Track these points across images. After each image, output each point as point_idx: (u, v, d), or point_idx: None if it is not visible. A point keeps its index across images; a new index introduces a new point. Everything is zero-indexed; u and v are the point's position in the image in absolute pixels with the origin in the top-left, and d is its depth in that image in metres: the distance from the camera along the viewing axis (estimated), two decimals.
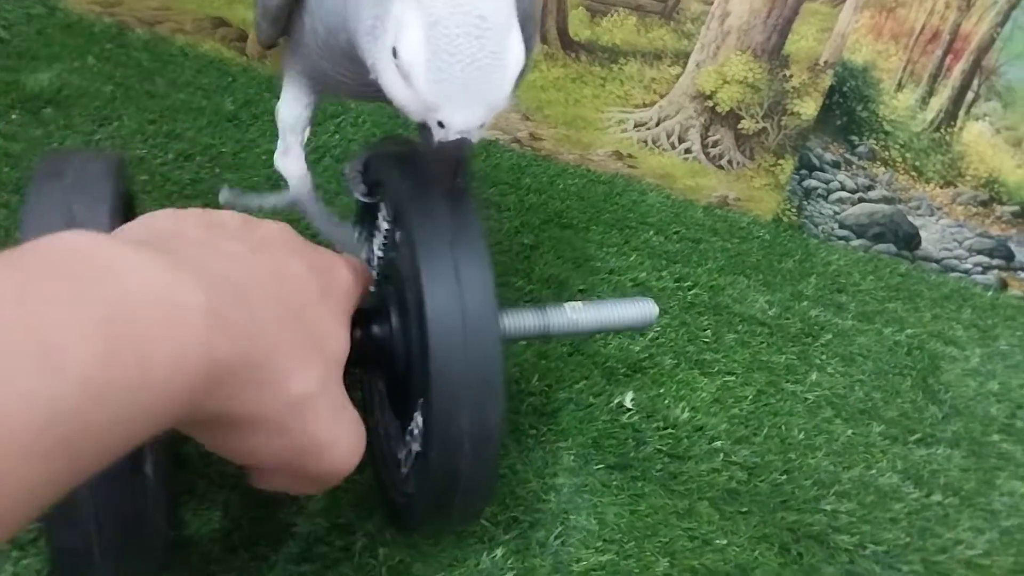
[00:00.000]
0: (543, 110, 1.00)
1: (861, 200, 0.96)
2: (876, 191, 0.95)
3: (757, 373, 0.82)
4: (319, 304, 0.40)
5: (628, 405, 0.75)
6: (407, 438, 0.52)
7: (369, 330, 0.52)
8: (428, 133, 0.43)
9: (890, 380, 0.84)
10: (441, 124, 0.42)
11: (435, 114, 0.42)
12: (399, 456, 0.54)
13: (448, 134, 0.42)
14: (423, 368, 0.48)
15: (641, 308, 0.60)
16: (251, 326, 0.34)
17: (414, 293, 0.48)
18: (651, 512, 0.67)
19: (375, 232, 0.60)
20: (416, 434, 0.51)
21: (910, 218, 0.95)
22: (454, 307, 0.46)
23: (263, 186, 0.90)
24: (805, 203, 0.97)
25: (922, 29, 0.84)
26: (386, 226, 0.57)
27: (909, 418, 0.81)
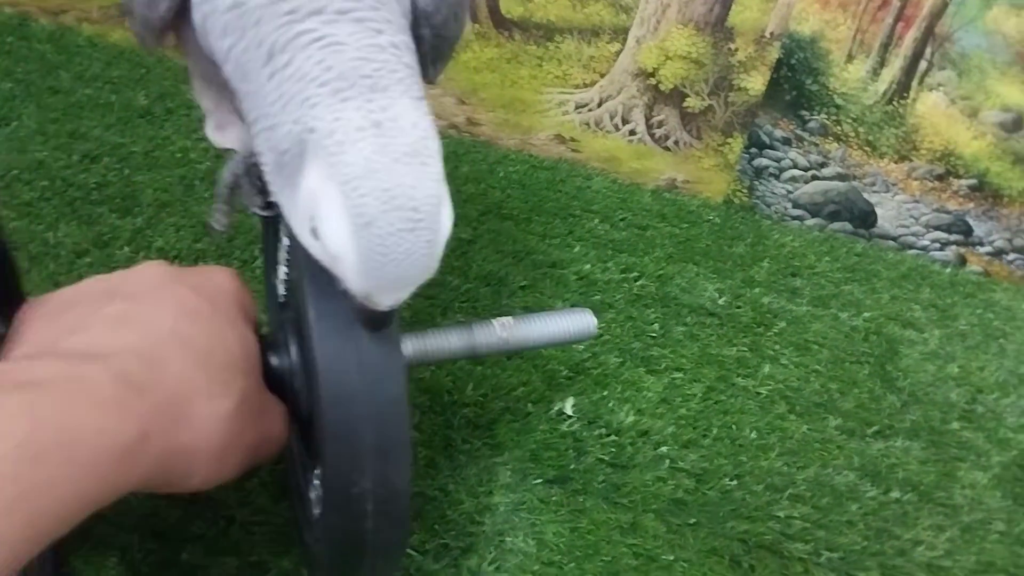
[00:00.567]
0: (479, 93, 0.94)
1: (814, 178, 0.91)
2: (829, 168, 0.90)
3: (707, 368, 0.78)
4: (212, 319, 0.42)
5: (568, 412, 0.71)
6: (314, 483, 0.47)
7: (267, 359, 0.47)
8: (354, 298, 0.40)
9: (847, 369, 0.81)
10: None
11: (363, 296, 0.39)
12: (310, 495, 0.49)
13: (377, 308, 0.40)
14: (318, 423, 0.43)
15: (578, 320, 0.56)
16: (160, 378, 0.38)
17: (306, 330, 0.43)
18: (593, 529, 0.63)
19: (279, 248, 0.54)
20: (317, 494, 0.46)
21: (865, 195, 0.91)
22: (348, 353, 0.42)
23: (177, 187, 0.84)
24: (756, 183, 0.92)
25: None
26: (287, 242, 0.51)
27: (866, 409, 0.77)
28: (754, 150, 0.90)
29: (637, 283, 0.85)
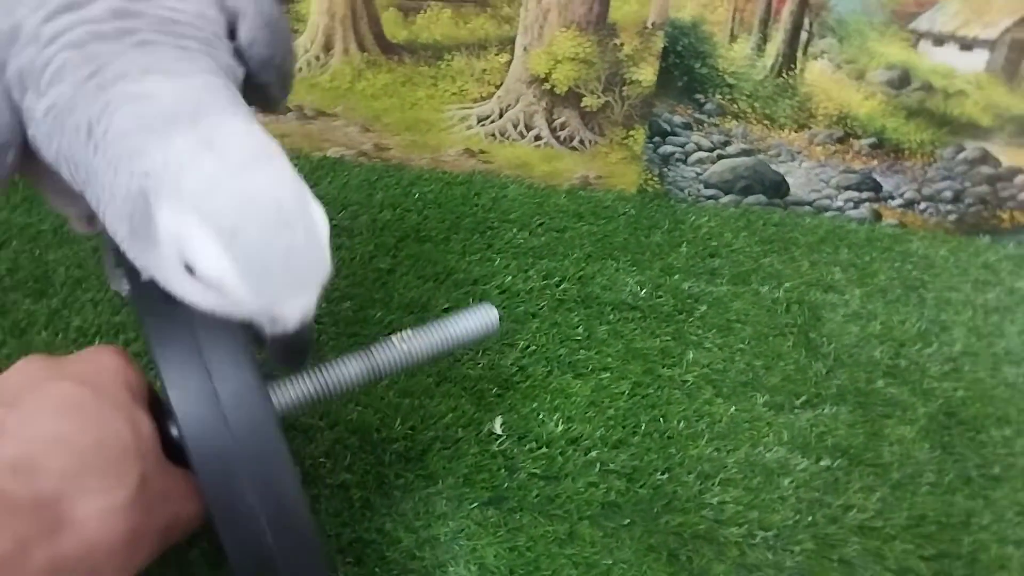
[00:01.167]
0: (381, 119, 0.95)
1: (720, 157, 0.92)
2: (733, 146, 0.91)
3: (632, 363, 0.79)
4: (97, 409, 0.41)
5: (498, 431, 0.72)
6: None
7: (168, 430, 0.47)
8: (261, 329, 0.39)
9: (771, 343, 0.82)
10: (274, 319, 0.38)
11: (266, 314, 0.38)
12: None
13: (286, 326, 0.38)
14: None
15: (480, 317, 0.56)
16: (38, 487, 0.37)
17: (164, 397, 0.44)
18: (531, 544, 0.64)
19: None
20: None
21: (773, 166, 0.92)
22: (211, 418, 0.42)
23: (89, 261, 0.84)
24: (665, 170, 0.93)
25: None
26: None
27: (792, 381, 0.79)
28: (657, 139, 0.91)
29: (559, 288, 0.86)
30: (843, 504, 0.69)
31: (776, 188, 0.94)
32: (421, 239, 0.91)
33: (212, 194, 0.35)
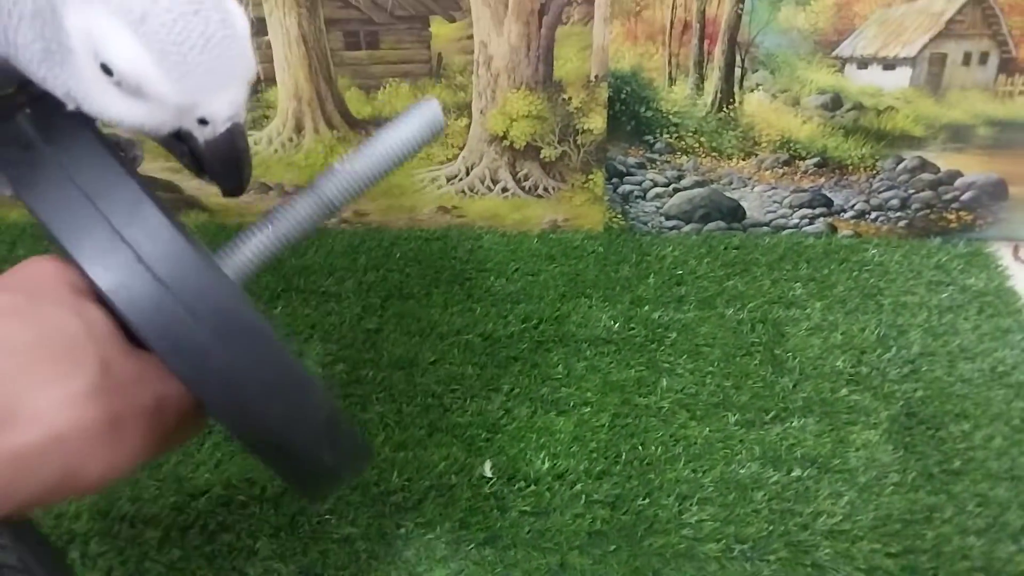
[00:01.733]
0: None
1: (676, 191, 0.98)
2: (687, 179, 0.97)
3: (610, 395, 0.84)
4: (34, 310, 0.40)
5: (488, 474, 0.77)
6: None
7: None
8: (191, 139, 0.39)
9: (738, 363, 0.87)
10: (203, 121, 0.38)
11: (193, 113, 0.38)
12: None
13: (216, 128, 0.38)
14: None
15: (419, 114, 0.51)
16: None
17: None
18: None
19: None
20: None
21: (727, 193, 0.98)
22: (140, 283, 0.39)
23: None
24: (627, 207, 0.99)
25: (672, 24, 0.86)
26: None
27: (761, 397, 0.84)
28: (615, 180, 0.97)
29: (537, 329, 0.92)
30: (813, 511, 0.73)
31: (733, 213, 1.00)
32: (404, 296, 0.97)
33: None
